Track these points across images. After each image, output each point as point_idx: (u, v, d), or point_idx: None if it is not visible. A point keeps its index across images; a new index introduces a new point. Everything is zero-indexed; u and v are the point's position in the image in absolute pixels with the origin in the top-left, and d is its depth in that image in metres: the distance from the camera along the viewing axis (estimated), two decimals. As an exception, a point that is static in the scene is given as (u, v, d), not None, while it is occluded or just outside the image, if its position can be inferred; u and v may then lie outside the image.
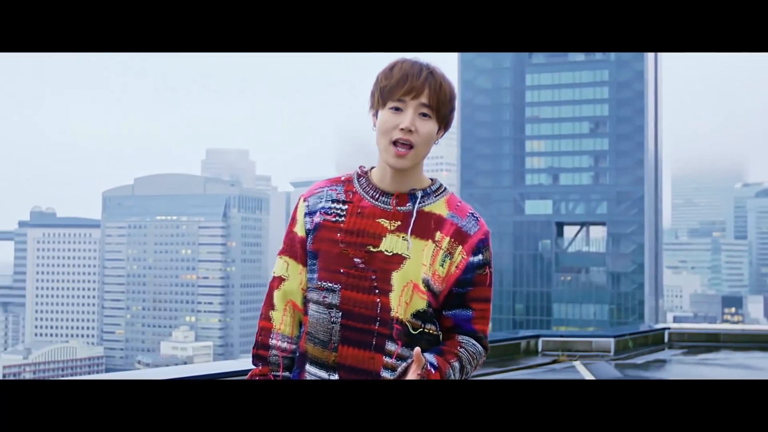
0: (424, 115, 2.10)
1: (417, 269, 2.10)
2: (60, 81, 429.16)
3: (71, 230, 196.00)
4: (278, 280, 2.23)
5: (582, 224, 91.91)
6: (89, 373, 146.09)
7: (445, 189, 2.23)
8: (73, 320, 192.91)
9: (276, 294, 2.23)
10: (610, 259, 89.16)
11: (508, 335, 10.26)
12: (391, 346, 2.06)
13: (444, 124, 2.16)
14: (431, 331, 2.11)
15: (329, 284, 2.13)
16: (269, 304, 2.24)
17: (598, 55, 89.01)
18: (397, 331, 2.06)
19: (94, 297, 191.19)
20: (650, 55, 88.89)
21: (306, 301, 2.19)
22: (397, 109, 2.10)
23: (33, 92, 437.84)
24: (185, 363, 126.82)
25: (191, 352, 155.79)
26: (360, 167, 2.27)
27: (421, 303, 2.08)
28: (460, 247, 2.13)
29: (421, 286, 2.09)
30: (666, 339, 11.90)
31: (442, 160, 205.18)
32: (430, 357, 2.06)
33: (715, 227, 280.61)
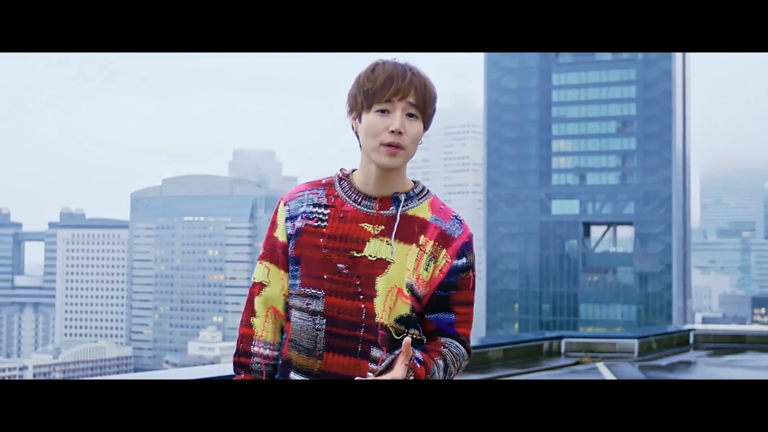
0: (411, 115, 2.07)
1: (401, 274, 2.07)
2: (89, 82, 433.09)
3: (100, 231, 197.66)
4: (259, 286, 2.19)
5: (609, 224, 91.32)
6: (118, 373, 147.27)
7: (428, 192, 2.21)
8: (102, 320, 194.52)
9: (257, 300, 2.18)
10: (638, 259, 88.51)
11: (530, 336, 10.23)
12: (376, 353, 2.02)
13: (427, 125, 2.14)
14: (415, 336, 2.09)
15: (313, 290, 2.09)
16: (250, 311, 2.19)
17: (625, 54, 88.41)
18: (382, 336, 2.03)
19: (122, 297, 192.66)
20: (678, 54, 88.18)
21: (288, 307, 2.15)
22: (383, 111, 2.06)
23: (62, 94, 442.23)
24: (212, 363, 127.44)
25: (218, 352, 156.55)
26: (341, 170, 2.24)
27: (404, 308, 2.05)
28: (444, 251, 2.11)
29: (405, 291, 2.06)
30: (691, 340, 11.81)
31: (468, 161, 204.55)
32: (416, 352, 2.03)
33: (745, 227, 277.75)
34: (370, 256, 2.08)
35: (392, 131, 2.05)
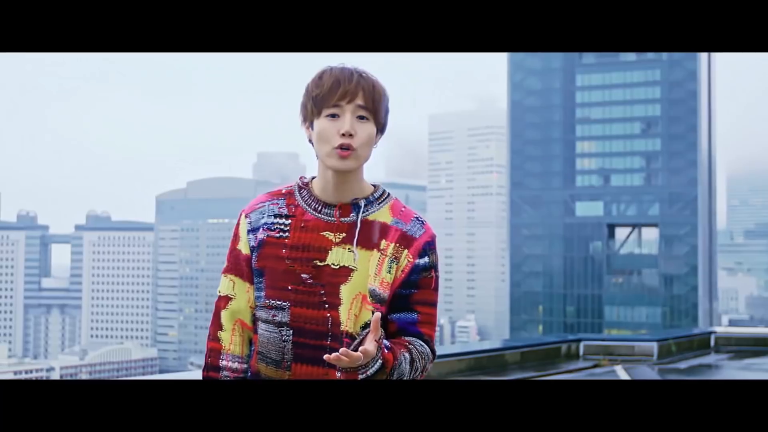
0: (362, 117, 2.06)
1: (364, 280, 2.07)
2: (114, 85, 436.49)
3: (125, 233, 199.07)
4: (225, 300, 2.18)
5: (634, 226, 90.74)
6: (143, 374, 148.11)
7: (389, 195, 2.19)
8: (127, 322, 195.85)
9: (223, 314, 2.17)
10: (663, 261, 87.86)
11: (548, 339, 10.21)
12: None
13: (380, 126, 2.12)
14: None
15: (278, 302, 2.09)
16: (217, 324, 2.18)
17: (650, 55, 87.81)
18: (348, 345, 2.01)
19: (147, 299, 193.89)
20: (703, 54, 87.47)
21: (255, 319, 2.15)
22: (333, 115, 2.06)
23: (87, 97, 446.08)
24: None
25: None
26: (300, 178, 2.22)
27: (369, 315, 2.04)
28: (406, 251, 2.10)
29: (369, 298, 2.06)
30: (712, 343, 11.70)
31: (492, 162, 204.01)
32: (384, 341, 2.01)
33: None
34: (333, 264, 2.08)
35: (342, 134, 2.05)
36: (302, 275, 2.08)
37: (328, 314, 2.06)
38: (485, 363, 8.20)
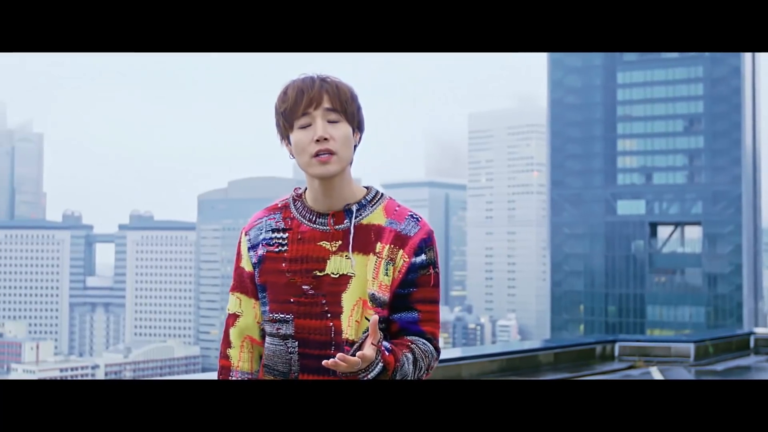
0: (333, 120, 2.07)
1: (363, 286, 2.07)
2: (156, 86, 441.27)
3: (168, 233, 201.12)
4: (233, 317, 2.21)
5: (676, 224, 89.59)
6: (186, 373, 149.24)
7: (382, 196, 2.18)
8: (170, 320, 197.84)
9: (232, 331, 2.20)
10: (707, 260, 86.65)
11: (582, 340, 10.15)
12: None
13: (356, 124, 2.13)
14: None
15: (281, 315, 2.11)
16: (226, 342, 2.21)
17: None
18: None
19: (190, 298, 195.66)
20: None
21: (264, 334, 2.17)
22: (305, 125, 2.07)
23: (131, 98, 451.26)
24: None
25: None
26: (295, 190, 2.25)
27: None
28: (401, 251, 2.10)
29: (369, 303, 2.07)
30: (752, 344, 11.54)
31: (532, 161, 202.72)
32: (384, 343, 2.01)
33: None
34: (333, 273, 2.09)
35: (317, 140, 2.05)
36: (303, 287, 2.10)
37: (331, 323, 2.07)
38: (518, 364, 8.19)
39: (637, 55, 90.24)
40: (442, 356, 7.57)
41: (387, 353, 1.98)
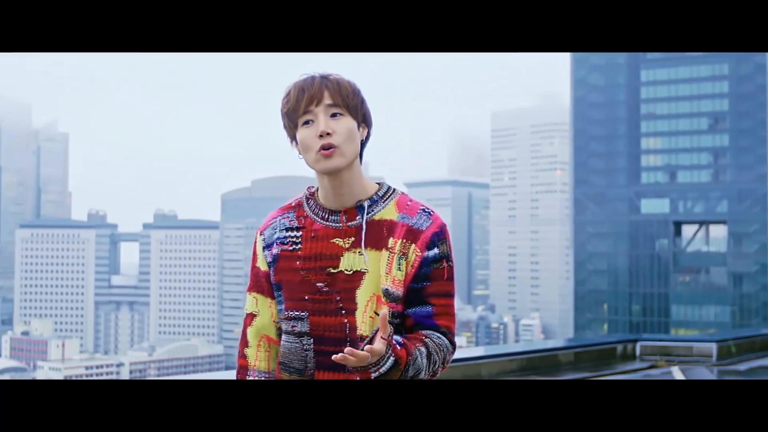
0: (335, 114, 2.08)
1: (377, 281, 2.08)
2: (180, 85, 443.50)
3: (192, 232, 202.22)
4: (250, 317, 2.23)
5: (701, 223, 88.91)
6: (209, 371, 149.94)
7: (394, 191, 2.18)
8: (194, 319, 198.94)
9: (249, 331, 2.22)
10: (732, 259, 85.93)
11: (603, 339, 10.11)
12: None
13: (361, 118, 2.13)
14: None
15: (296, 312, 2.12)
16: (244, 342, 2.24)
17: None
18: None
19: (213, 296, 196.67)
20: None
21: (281, 332, 2.18)
22: (308, 122, 2.09)
23: (154, 96, 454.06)
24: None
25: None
26: (308, 188, 2.26)
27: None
28: (413, 245, 2.10)
29: (383, 298, 2.07)
30: (775, 344, 11.45)
31: (555, 159, 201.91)
32: (396, 337, 2.02)
33: None
34: (347, 270, 2.09)
35: (320, 135, 2.06)
36: (317, 284, 2.11)
37: (345, 320, 2.09)
38: (538, 363, 8.17)
39: (661, 52, 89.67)
40: (462, 355, 7.60)
41: (399, 347, 1.99)
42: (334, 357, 1.91)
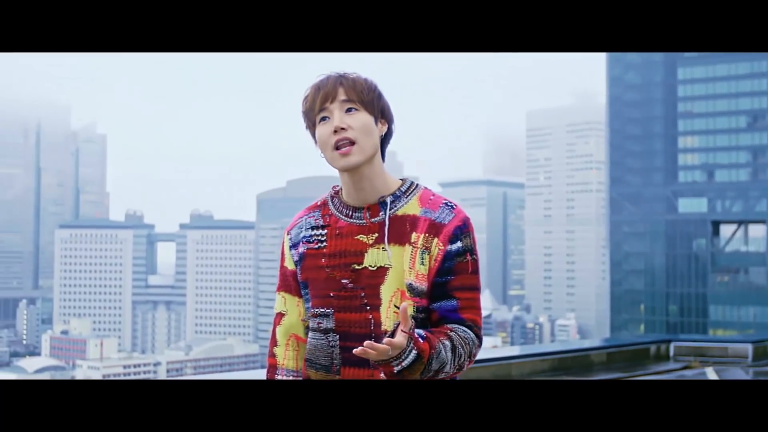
0: (350, 110, 2.09)
1: (401, 277, 2.08)
2: (215, 85, 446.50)
3: (227, 232, 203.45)
4: (279, 316, 2.26)
5: (740, 222, 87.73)
6: (245, 370, 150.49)
7: (417, 186, 2.19)
8: (230, 318, 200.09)
9: (278, 330, 2.26)
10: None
11: (636, 339, 10.03)
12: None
13: (379, 113, 2.14)
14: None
15: (322, 309, 2.14)
16: (273, 341, 2.27)
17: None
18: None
19: (249, 296, 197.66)
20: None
21: (309, 330, 2.20)
22: (324, 119, 2.10)
23: (192, 97, 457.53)
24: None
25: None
26: (333, 187, 2.28)
27: (409, 311, 2.03)
28: (436, 239, 2.10)
29: (407, 293, 2.07)
30: (813, 345, 11.28)
31: (591, 158, 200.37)
32: (419, 330, 2.01)
33: None
34: (371, 266, 2.11)
35: (335, 131, 2.08)
36: (342, 281, 2.13)
37: (370, 316, 2.10)
38: (569, 363, 8.12)
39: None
40: (493, 355, 7.58)
41: (421, 341, 1.98)
42: (355, 351, 1.91)
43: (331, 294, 2.14)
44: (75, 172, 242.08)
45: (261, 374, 6.20)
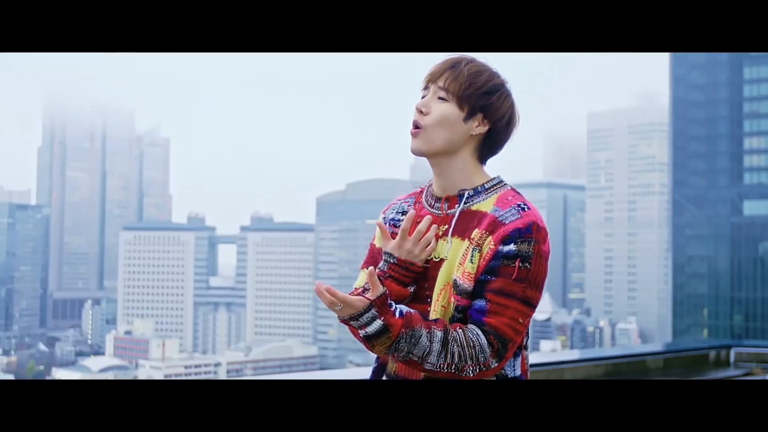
0: (442, 98, 2.06)
1: (451, 271, 2.04)
2: (278, 87, 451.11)
3: (287, 234, 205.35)
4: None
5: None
6: (303, 371, 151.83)
7: (503, 185, 2.12)
8: (289, 320, 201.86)
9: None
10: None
11: (695, 344, 9.81)
12: None
13: (474, 110, 2.07)
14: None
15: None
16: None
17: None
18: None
19: (308, 298, 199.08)
20: None
21: None
22: (423, 96, 2.11)
23: (253, 100, 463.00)
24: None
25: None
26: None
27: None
28: (490, 237, 2.01)
29: (452, 289, 2.03)
30: None
31: (654, 160, 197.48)
32: (402, 306, 1.98)
33: None
34: (435, 257, 2.08)
35: (417, 110, 2.08)
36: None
37: (428, 308, 2.06)
38: (624, 369, 7.97)
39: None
40: (546, 359, 7.44)
41: (396, 316, 1.94)
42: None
43: None
44: (139, 175, 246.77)
45: (320, 375, 6.20)
